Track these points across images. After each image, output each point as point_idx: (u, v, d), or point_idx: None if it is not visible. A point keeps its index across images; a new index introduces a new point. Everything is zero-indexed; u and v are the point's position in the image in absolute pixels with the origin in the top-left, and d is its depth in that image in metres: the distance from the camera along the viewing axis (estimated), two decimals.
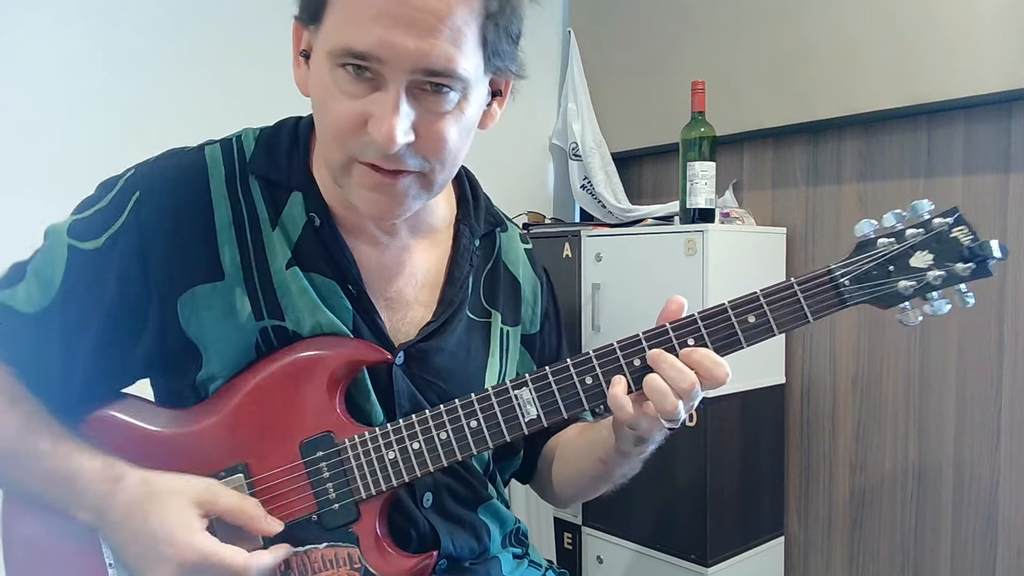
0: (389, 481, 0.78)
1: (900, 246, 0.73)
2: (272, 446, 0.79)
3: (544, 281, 1.03)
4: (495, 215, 0.98)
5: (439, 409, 0.78)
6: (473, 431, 0.77)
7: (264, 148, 0.84)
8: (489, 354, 0.92)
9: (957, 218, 0.72)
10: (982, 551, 1.68)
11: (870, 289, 0.73)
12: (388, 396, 0.83)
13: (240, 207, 0.81)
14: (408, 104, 0.71)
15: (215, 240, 0.80)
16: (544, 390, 0.76)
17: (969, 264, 0.71)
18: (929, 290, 0.72)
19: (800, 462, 1.98)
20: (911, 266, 0.72)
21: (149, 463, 0.77)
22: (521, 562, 0.98)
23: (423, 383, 0.85)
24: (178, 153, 0.83)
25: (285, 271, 0.81)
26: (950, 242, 0.72)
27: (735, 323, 0.74)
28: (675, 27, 2.13)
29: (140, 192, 0.79)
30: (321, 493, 0.78)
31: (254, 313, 0.80)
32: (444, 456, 0.77)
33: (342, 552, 0.78)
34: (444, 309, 0.88)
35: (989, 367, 1.65)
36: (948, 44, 1.60)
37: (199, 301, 0.79)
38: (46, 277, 0.79)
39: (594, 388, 0.76)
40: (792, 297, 0.74)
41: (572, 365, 0.76)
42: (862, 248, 0.74)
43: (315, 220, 0.82)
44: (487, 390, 0.78)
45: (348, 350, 0.80)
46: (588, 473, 0.93)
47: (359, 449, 0.78)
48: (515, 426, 0.77)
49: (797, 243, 1.96)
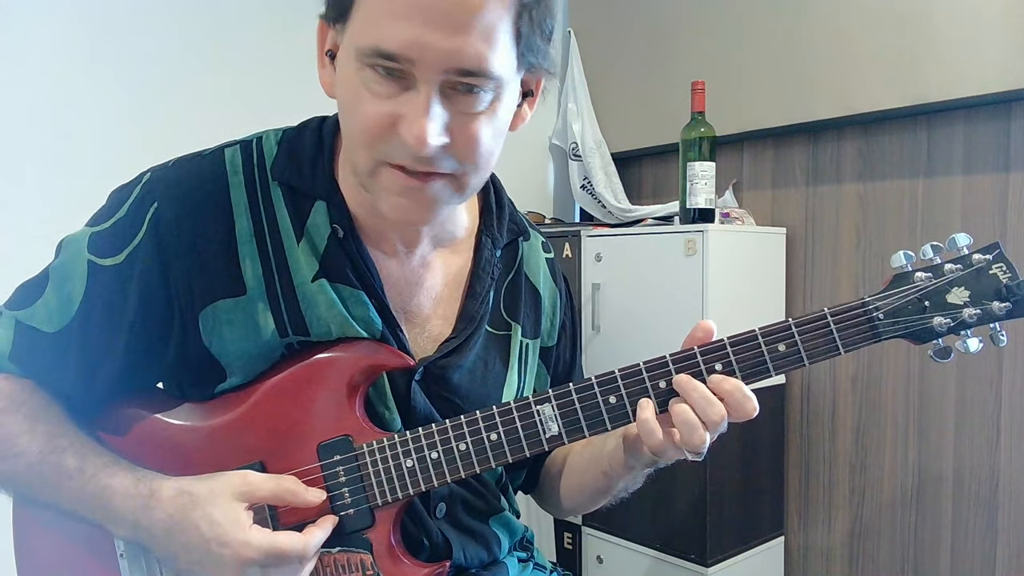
0: (405, 489, 0.77)
1: (937, 282, 0.71)
2: (289, 446, 0.78)
3: (563, 292, 1.00)
4: (519, 223, 0.95)
5: (459, 420, 0.77)
6: (493, 444, 0.76)
7: (287, 153, 0.81)
8: (508, 369, 0.90)
9: (997, 255, 0.71)
10: (982, 551, 1.68)
11: (904, 324, 0.71)
12: (405, 408, 0.82)
13: (261, 217, 0.78)
14: (440, 104, 0.68)
15: (236, 253, 0.77)
16: (567, 407, 0.75)
17: (1006, 304, 0.70)
18: (964, 327, 0.71)
19: (800, 462, 1.98)
20: (947, 303, 0.71)
21: (166, 457, 0.77)
22: (526, 565, 0.98)
23: (439, 399, 0.84)
24: (196, 158, 0.80)
25: (311, 283, 0.78)
26: (988, 279, 0.70)
27: (765, 351, 0.73)
28: (675, 27, 2.13)
29: (158, 204, 0.76)
30: (337, 497, 0.77)
31: (278, 330, 0.78)
32: (462, 467, 0.77)
33: (355, 557, 0.77)
34: (465, 325, 0.85)
35: (989, 367, 1.65)
36: (948, 44, 1.60)
37: (220, 316, 0.77)
38: (66, 294, 0.77)
39: (618, 409, 0.74)
40: (825, 328, 0.72)
41: (596, 383, 0.75)
42: (899, 281, 0.72)
43: (339, 232, 0.79)
44: (509, 404, 0.76)
45: (369, 354, 0.79)
46: (590, 486, 0.92)
47: (377, 456, 0.77)
48: (536, 442, 0.76)
49: (797, 243, 1.96)
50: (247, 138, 0.82)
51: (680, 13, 2.12)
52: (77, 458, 0.74)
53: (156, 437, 0.79)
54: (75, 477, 0.74)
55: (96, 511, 0.74)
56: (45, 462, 0.74)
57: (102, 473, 0.74)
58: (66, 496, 0.74)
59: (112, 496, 0.73)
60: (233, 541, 0.70)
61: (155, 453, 0.78)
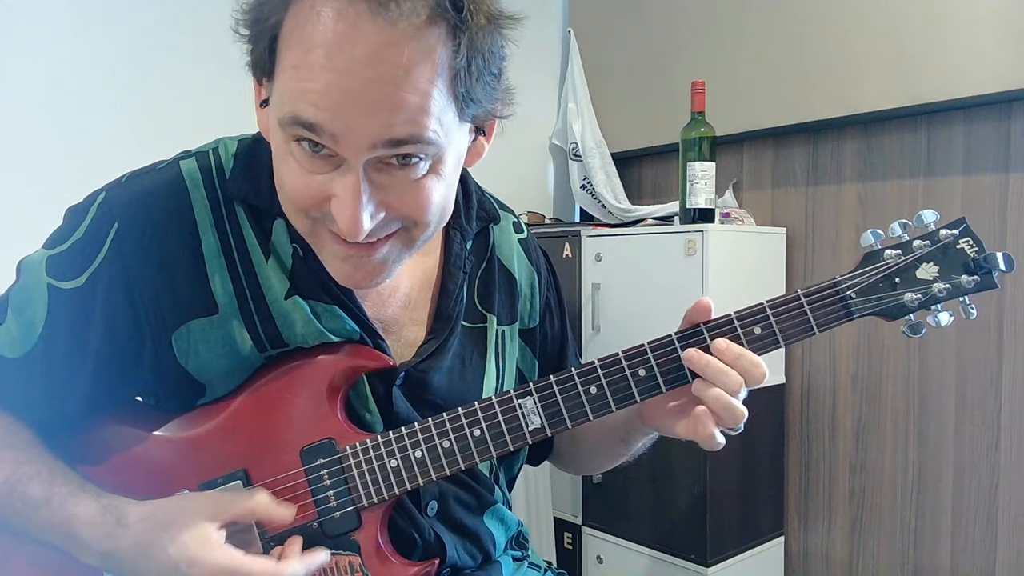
0: (391, 489, 0.77)
1: (907, 258, 0.73)
2: (272, 452, 0.77)
3: (543, 269, 0.98)
4: (487, 209, 0.91)
5: (442, 417, 0.77)
6: (476, 440, 0.76)
7: (244, 168, 0.77)
8: (486, 361, 0.89)
9: (963, 229, 0.73)
10: (982, 551, 1.68)
11: (876, 301, 0.73)
12: (388, 414, 0.81)
13: (227, 233, 0.76)
14: (373, 184, 0.64)
15: (204, 270, 0.75)
16: (548, 399, 0.76)
17: (974, 276, 0.72)
18: (934, 302, 0.73)
19: (800, 462, 1.98)
20: (917, 278, 0.72)
21: (147, 468, 0.76)
22: (521, 564, 0.97)
23: (420, 402, 0.83)
24: (152, 172, 0.76)
25: (284, 301, 0.76)
26: (956, 254, 0.72)
27: (741, 334, 0.74)
28: (675, 27, 2.13)
29: (119, 224, 0.73)
30: (322, 501, 0.77)
31: (256, 345, 0.77)
32: (447, 464, 0.77)
33: (343, 560, 0.76)
34: (441, 326, 0.84)
35: (989, 367, 1.65)
36: (948, 44, 1.60)
37: (195, 336, 0.75)
38: (27, 319, 0.75)
39: (599, 399, 0.75)
40: (799, 309, 0.73)
41: (576, 374, 0.76)
42: (868, 260, 0.74)
43: (299, 251, 0.76)
44: (491, 398, 0.77)
45: (348, 356, 0.78)
46: (606, 452, 0.95)
47: (360, 457, 0.77)
48: (519, 436, 0.76)
49: (797, 243, 1.96)
50: (203, 148, 0.79)
51: (680, 13, 2.12)
52: (43, 487, 0.73)
53: (136, 451, 0.78)
54: (42, 507, 0.72)
55: (64, 540, 0.72)
56: (13, 492, 0.73)
57: (68, 502, 0.72)
58: (34, 526, 0.73)
59: (79, 526, 0.71)
60: (202, 562, 0.68)
61: (136, 467, 0.77)
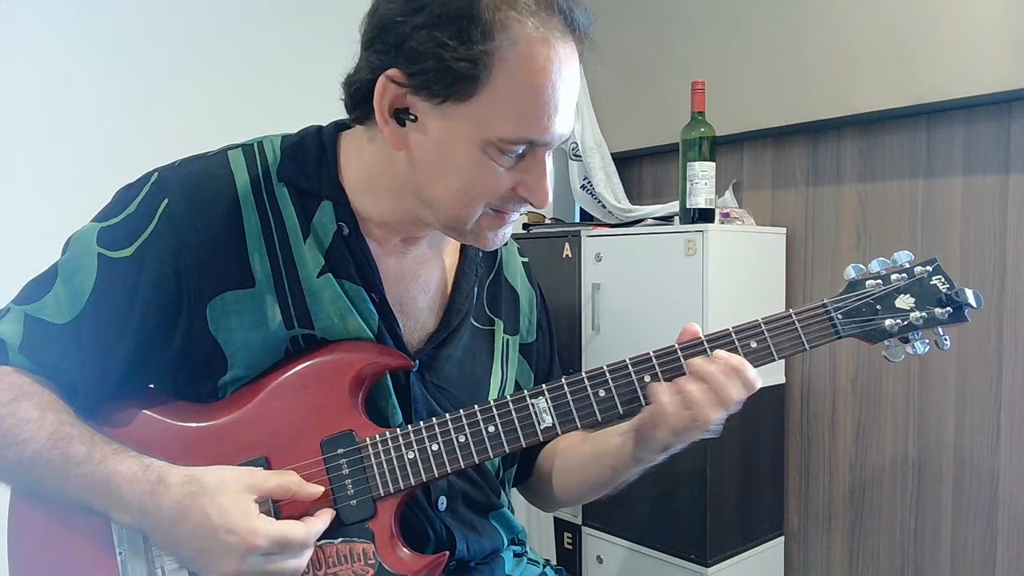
0: (407, 480, 0.80)
1: (886, 288, 0.81)
2: (293, 441, 0.81)
3: (538, 292, 1.08)
4: None
5: (459, 414, 0.81)
6: (491, 435, 0.81)
7: (291, 156, 0.85)
8: (493, 361, 0.96)
9: (935, 267, 0.82)
10: (982, 551, 1.68)
11: (860, 324, 0.81)
12: (405, 400, 0.87)
13: (268, 215, 0.82)
14: None
15: (245, 247, 0.81)
16: (560, 400, 0.81)
17: (947, 309, 0.80)
18: (912, 329, 0.81)
19: (800, 462, 1.98)
20: (896, 307, 0.81)
21: (170, 455, 0.78)
22: (520, 560, 1.00)
23: (434, 388, 0.89)
24: (201, 158, 0.84)
25: (316, 279, 0.83)
26: (930, 288, 0.81)
27: (739, 347, 0.81)
28: (675, 27, 2.13)
29: (169, 199, 0.79)
30: (339, 489, 0.80)
31: (284, 322, 0.82)
32: (461, 458, 0.81)
33: (357, 547, 0.80)
34: (452, 318, 0.91)
35: (989, 367, 1.65)
36: (948, 44, 1.60)
37: (228, 306, 0.81)
38: (75, 286, 0.80)
39: (607, 401, 0.81)
40: (791, 326, 0.81)
41: (587, 378, 0.81)
42: (852, 287, 0.82)
43: (344, 229, 0.84)
44: (505, 398, 0.82)
45: (373, 355, 0.83)
46: (593, 480, 0.96)
47: (379, 448, 0.81)
48: (531, 433, 0.81)
49: (797, 243, 1.96)
50: (248, 142, 0.86)
51: (680, 13, 2.12)
52: (86, 445, 0.76)
53: (161, 436, 0.81)
54: (83, 463, 0.75)
55: (102, 497, 0.75)
56: (55, 448, 0.76)
57: (110, 459, 0.75)
58: (72, 483, 0.75)
59: (119, 481, 0.74)
60: (241, 529, 0.72)
61: (159, 451, 0.79)
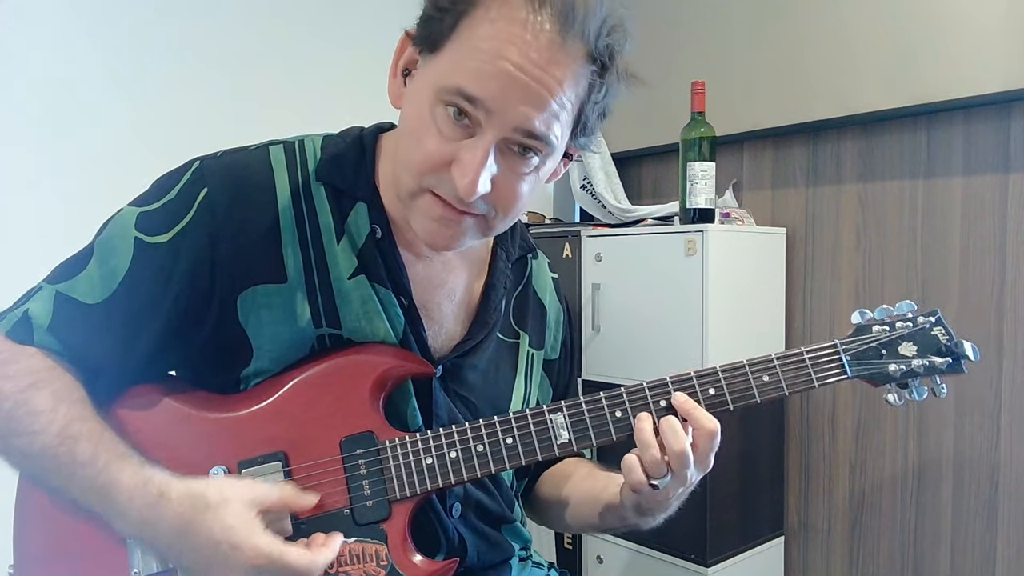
0: (424, 484, 0.81)
1: (891, 334, 0.85)
2: (313, 438, 0.81)
3: (565, 311, 1.07)
4: (528, 241, 1.02)
5: (478, 423, 0.82)
6: (508, 447, 0.82)
7: (331, 156, 0.86)
8: (516, 374, 0.97)
9: (937, 319, 0.85)
10: (982, 551, 1.68)
11: (866, 367, 0.84)
12: (427, 405, 0.87)
13: (303, 213, 0.83)
14: (494, 158, 0.74)
15: (280, 242, 0.82)
16: (577, 417, 0.82)
17: (946, 359, 0.84)
18: (913, 376, 0.84)
19: (800, 462, 1.98)
20: (900, 353, 0.84)
21: (189, 441, 0.79)
22: (525, 564, 1.01)
23: (456, 396, 0.89)
24: (243, 151, 0.85)
25: (347, 280, 0.83)
26: (931, 338, 0.84)
27: (751, 379, 0.83)
28: (675, 27, 2.13)
29: (208, 188, 0.80)
30: (356, 488, 0.81)
31: (313, 320, 0.82)
32: (478, 467, 0.81)
33: (370, 548, 0.80)
34: (479, 328, 0.91)
35: (988, 367, 1.65)
36: (948, 44, 1.60)
37: (260, 299, 0.81)
38: (109, 268, 0.80)
39: (622, 421, 0.82)
40: (802, 363, 0.84)
41: (604, 398, 0.82)
42: (860, 331, 0.86)
43: (377, 232, 0.84)
44: (524, 411, 0.83)
45: (398, 360, 0.84)
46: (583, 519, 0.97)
47: (398, 451, 0.81)
48: (548, 447, 0.82)
49: (797, 243, 1.96)
50: (290, 139, 0.87)
51: (680, 13, 2.12)
52: (91, 446, 0.75)
53: (180, 424, 0.81)
54: (87, 466, 0.74)
55: (102, 503, 0.74)
56: (62, 445, 0.75)
57: (113, 466, 0.74)
58: (76, 484, 0.75)
59: (119, 492, 0.73)
60: (244, 544, 0.71)
61: (178, 440, 0.80)
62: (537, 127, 0.73)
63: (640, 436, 0.79)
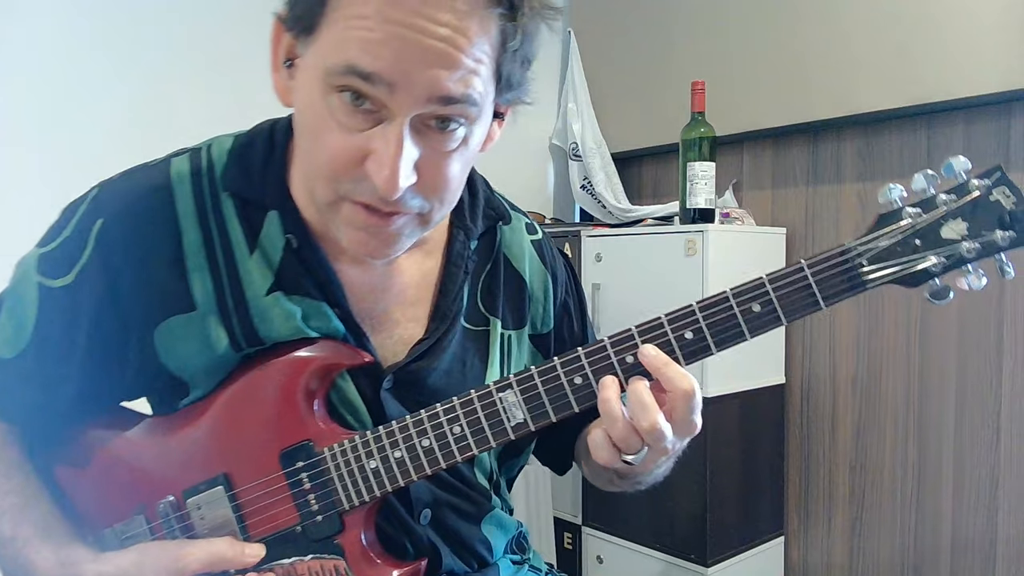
0: (372, 491, 0.74)
1: (929, 217, 0.64)
2: (251, 456, 0.76)
3: (560, 271, 0.94)
4: (496, 207, 0.89)
5: (420, 415, 0.73)
6: (457, 438, 0.72)
7: (237, 161, 0.77)
8: (488, 364, 0.85)
9: (999, 178, 0.63)
10: (982, 551, 1.68)
11: (894, 268, 0.65)
12: (379, 417, 0.78)
13: (211, 229, 0.75)
14: (412, 142, 0.64)
15: (184, 267, 0.74)
16: (530, 392, 0.70)
17: (1009, 232, 0.62)
18: (962, 263, 0.64)
19: (800, 462, 1.98)
20: (942, 238, 0.64)
21: (130, 471, 0.77)
22: (520, 568, 0.95)
23: (417, 405, 0.77)
24: (142, 170, 0.77)
25: (264, 297, 0.75)
26: (989, 206, 0.63)
27: (738, 312, 0.67)
28: (675, 27, 2.13)
29: (104, 220, 0.73)
30: (303, 505, 0.75)
31: (232, 344, 0.75)
32: (427, 464, 0.73)
33: (328, 564, 0.75)
34: (437, 325, 0.81)
35: (989, 367, 1.65)
36: (948, 44, 1.60)
37: (175, 332, 0.74)
38: (19, 318, 0.75)
39: (584, 389, 0.69)
40: (803, 282, 0.66)
41: (559, 363, 0.70)
42: (885, 220, 0.66)
43: (292, 242, 0.75)
44: (470, 393, 0.72)
45: (323, 354, 0.75)
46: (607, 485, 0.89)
47: (339, 459, 0.74)
48: (501, 431, 0.71)
49: (797, 243, 1.96)
50: (197, 146, 0.79)
51: (680, 13, 2.12)
52: (11, 525, 0.74)
53: (120, 455, 0.78)
54: (7, 545, 0.73)
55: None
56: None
57: (30, 547, 0.73)
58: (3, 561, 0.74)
59: (35, 571, 0.72)
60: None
61: (119, 471, 0.77)
62: (452, 89, 0.62)
63: (604, 408, 0.66)
